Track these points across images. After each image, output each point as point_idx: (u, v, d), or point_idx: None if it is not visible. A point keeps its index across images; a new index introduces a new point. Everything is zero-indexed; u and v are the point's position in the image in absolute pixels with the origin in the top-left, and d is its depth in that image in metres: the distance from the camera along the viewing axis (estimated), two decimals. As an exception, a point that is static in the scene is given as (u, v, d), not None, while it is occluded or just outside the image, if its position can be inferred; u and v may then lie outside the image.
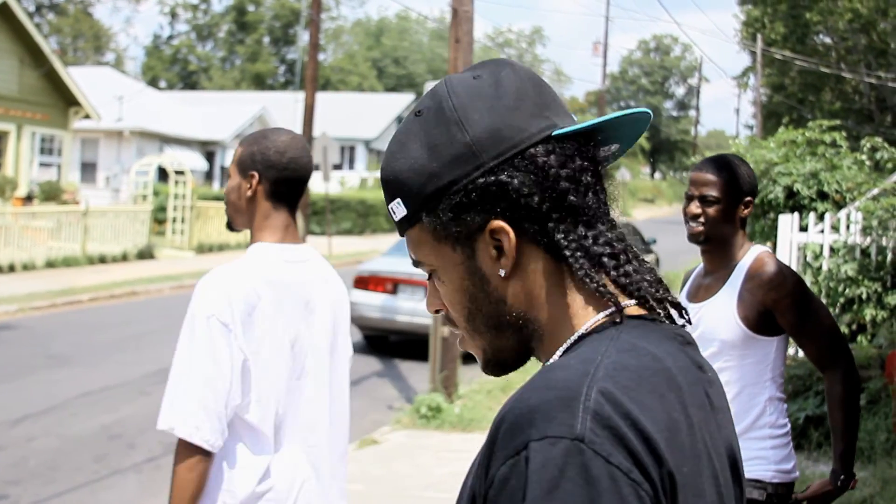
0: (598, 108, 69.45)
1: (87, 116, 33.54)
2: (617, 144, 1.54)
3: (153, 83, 78.55)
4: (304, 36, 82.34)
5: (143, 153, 38.05)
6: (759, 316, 3.87)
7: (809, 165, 11.89)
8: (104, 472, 8.95)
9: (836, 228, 11.13)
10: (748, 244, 4.06)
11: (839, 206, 11.80)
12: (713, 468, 1.36)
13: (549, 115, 1.46)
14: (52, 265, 23.93)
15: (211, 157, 46.47)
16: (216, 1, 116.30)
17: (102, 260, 25.45)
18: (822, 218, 11.37)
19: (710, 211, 3.94)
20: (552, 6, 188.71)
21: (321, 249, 29.87)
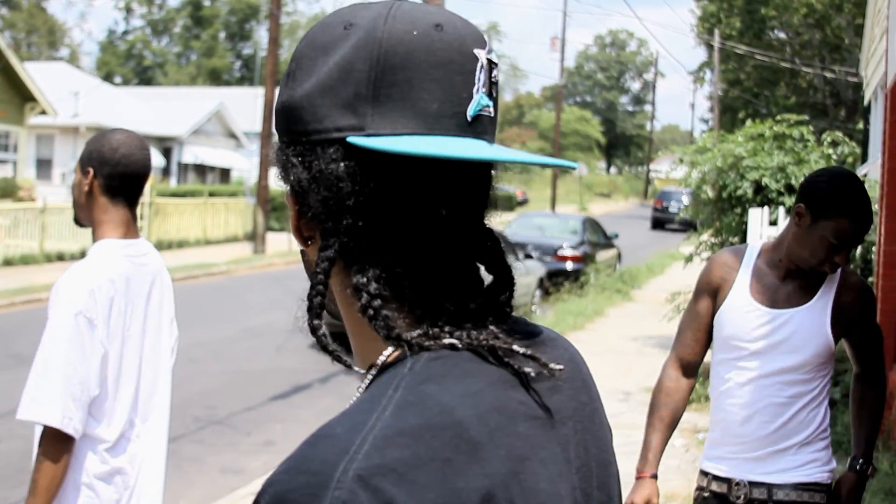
0: (554, 102, 69.56)
1: (42, 112, 33.23)
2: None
3: (108, 78, 77.94)
4: (260, 31, 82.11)
5: (99, 149, 37.71)
6: (840, 330, 3.79)
7: (777, 159, 11.93)
8: (72, 473, 8.83)
9: (805, 222, 11.15)
10: None
11: (807, 200, 11.84)
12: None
13: (371, 113, 1.20)
14: (9, 263, 23.65)
15: (168, 153, 46.12)
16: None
17: (61, 258, 25.16)
18: (790, 212, 11.39)
19: (844, 257, 3.66)
20: (511, 1, 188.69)
21: (281, 246, 29.73)
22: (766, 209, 11.23)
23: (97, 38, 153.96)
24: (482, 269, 1.33)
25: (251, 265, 26.71)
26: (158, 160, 43.54)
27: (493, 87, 1.26)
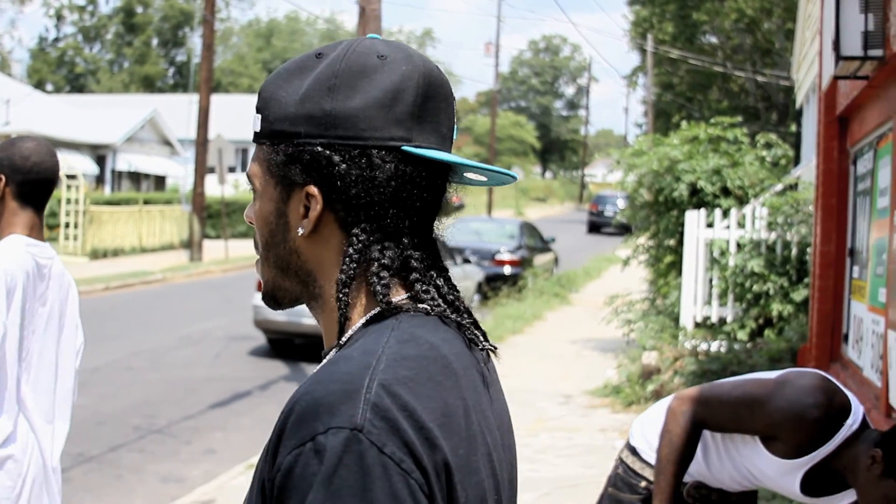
0: (489, 107, 69.70)
1: (-27, 120, 32.82)
2: (478, 176, 1.64)
3: (40, 86, 76.96)
4: (194, 38, 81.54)
5: (31, 158, 37.21)
6: None
7: (712, 162, 12.06)
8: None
9: (741, 224, 11.29)
10: None
11: (742, 202, 11.98)
12: (487, 446, 1.49)
13: (415, 129, 1.53)
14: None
15: (102, 160, 45.62)
16: (103, 2, 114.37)
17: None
18: (726, 214, 11.52)
19: None
20: (443, 6, 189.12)
21: (218, 254, 29.55)
22: (702, 211, 11.36)
23: (28, 45, 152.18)
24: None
25: (188, 273, 26.51)
26: (92, 168, 43.12)
27: None
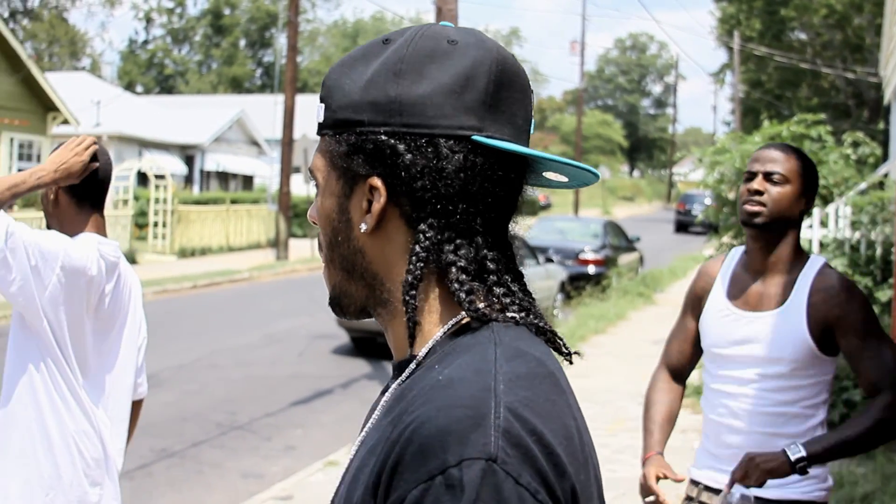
0: (576, 106, 69.50)
1: (65, 122, 33.29)
2: (558, 176, 1.52)
3: (130, 88, 78.25)
4: (280, 39, 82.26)
5: (121, 158, 37.77)
6: (822, 334, 3.52)
7: (796, 160, 11.89)
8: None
9: (824, 223, 11.14)
10: (803, 252, 3.69)
11: (826, 201, 11.82)
12: (595, 468, 1.40)
13: (487, 118, 1.42)
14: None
15: (190, 160, 46.22)
16: (191, 4, 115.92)
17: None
18: (809, 213, 11.37)
19: (774, 191, 3.54)
20: (529, 5, 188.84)
21: (303, 252, 29.78)
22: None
23: (118, 47, 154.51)
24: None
25: (274, 271, 26.75)
26: (180, 168, 43.70)
27: None
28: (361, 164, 1.43)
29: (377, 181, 1.41)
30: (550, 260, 20.87)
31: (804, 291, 3.57)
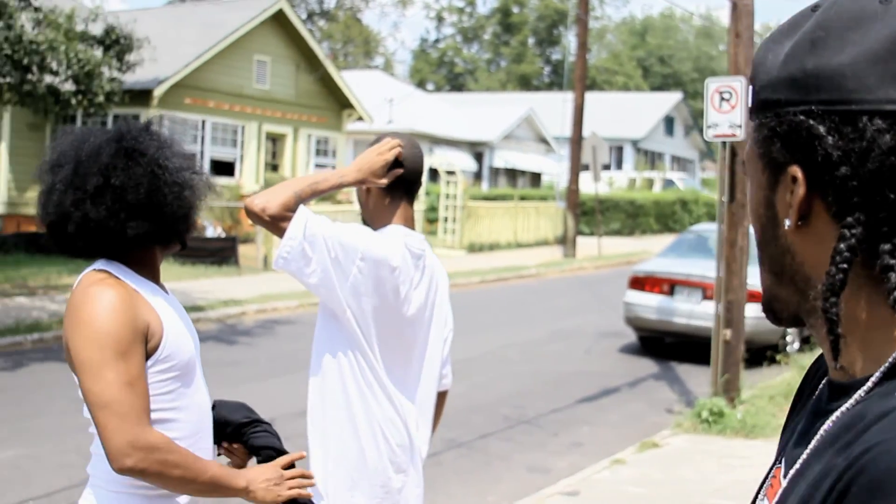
0: None
1: (359, 119, 34.37)
2: None
3: (421, 85, 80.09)
4: (568, 36, 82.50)
5: (413, 154, 38.60)
6: None
7: None
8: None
9: None
10: None
11: None
12: None
13: None
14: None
15: (479, 157, 46.94)
16: (481, 3, 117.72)
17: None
18: None
19: None
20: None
21: (591, 250, 29.78)
22: None
23: (410, 46, 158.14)
24: None
25: (561, 268, 26.86)
26: (470, 164, 44.41)
27: None
28: (780, 150, 1.24)
29: (795, 168, 1.22)
30: None
31: None
